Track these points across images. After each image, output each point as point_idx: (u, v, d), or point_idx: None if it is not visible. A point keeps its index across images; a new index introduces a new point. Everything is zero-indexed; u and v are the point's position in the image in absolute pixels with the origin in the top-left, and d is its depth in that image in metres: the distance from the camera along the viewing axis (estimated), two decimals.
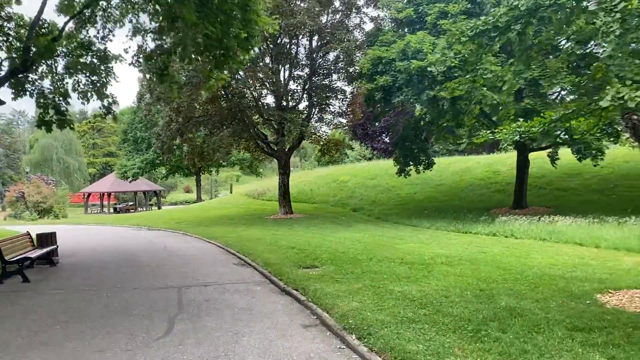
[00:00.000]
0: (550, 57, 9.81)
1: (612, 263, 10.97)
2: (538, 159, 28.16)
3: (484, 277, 9.62)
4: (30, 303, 8.89)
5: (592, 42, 15.08)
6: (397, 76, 20.51)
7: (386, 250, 13.71)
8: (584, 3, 6.98)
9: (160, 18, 13.26)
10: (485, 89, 7.66)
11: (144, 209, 63.00)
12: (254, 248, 14.79)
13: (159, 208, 62.29)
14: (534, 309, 7.07)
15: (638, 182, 27.40)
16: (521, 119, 8.47)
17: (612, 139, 18.43)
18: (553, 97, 23.99)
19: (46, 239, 13.34)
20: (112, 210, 62.57)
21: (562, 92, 24.19)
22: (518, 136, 7.90)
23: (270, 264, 11.95)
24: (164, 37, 14.35)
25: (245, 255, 14.01)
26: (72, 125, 15.57)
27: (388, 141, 52.24)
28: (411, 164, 25.67)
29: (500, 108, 9.32)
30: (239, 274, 11.65)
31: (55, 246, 13.32)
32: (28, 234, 13.05)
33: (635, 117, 6.88)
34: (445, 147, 46.43)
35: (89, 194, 64.95)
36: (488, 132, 8.58)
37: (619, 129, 16.02)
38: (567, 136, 15.72)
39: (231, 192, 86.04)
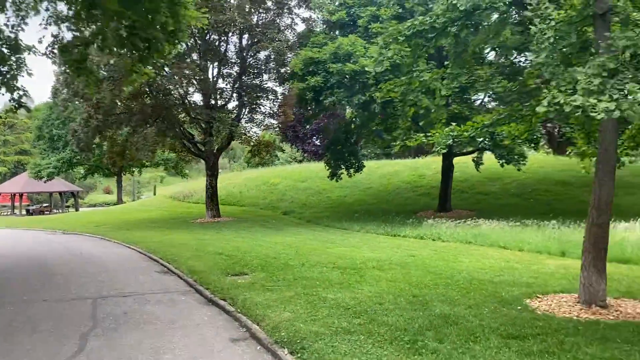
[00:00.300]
0: (482, 63, 9.95)
1: (536, 266, 11.27)
2: (460, 163, 29.04)
3: (416, 282, 9.54)
4: None
5: (515, 52, 15.60)
6: (328, 77, 20.37)
7: (318, 254, 13.42)
8: (513, 14, 7.02)
9: (79, 6, 12.24)
10: (420, 92, 7.56)
11: (60, 210, 59.37)
12: (179, 254, 14.01)
13: (77, 210, 58.92)
14: (467, 316, 6.99)
15: (553, 187, 29.00)
16: (454, 124, 8.45)
17: (532, 145, 19.35)
18: (477, 103, 24.84)
19: None
20: (24, 212, 58.46)
21: (485, 99, 25.13)
22: (451, 140, 7.84)
23: (196, 272, 11.29)
24: (82, 27, 13.28)
25: (168, 262, 13.22)
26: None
27: (319, 144, 52.34)
28: (342, 167, 25.65)
29: (432, 110, 9.27)
30: (162, 282, 10.92)
31: None
32: None
33: (549, 125, 6.99)
34: (373, 150, 47.16)
35: None
36: (422, 135, 8.47)
37: (539, 136, 16.78)
38: (490, 142, 16.20)
39: (155, 194, 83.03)
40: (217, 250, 14.64)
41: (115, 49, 12.72)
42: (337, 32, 23.02)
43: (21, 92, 15.64)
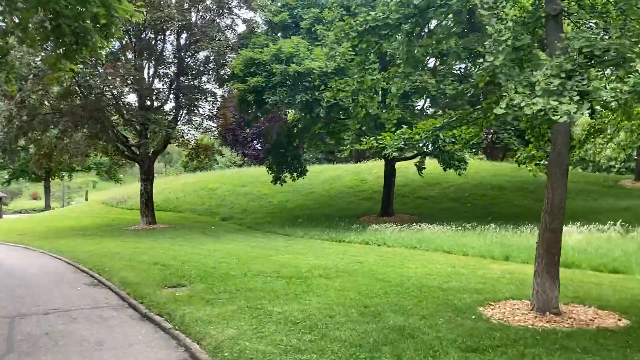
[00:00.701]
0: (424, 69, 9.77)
1: (482, 271, 11.23)
2: (402, 168, 29.30)
3: (365, 290, 9.19)
4: None
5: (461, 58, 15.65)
6: (270, 77, 19.84)
7: (261, 263, 12.84)
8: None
9: None
10: (371, 92, 7.25)
11: None
12: (110, 265, 13.01)
13: (0, 217, 55.05)
14: (423, 327, 6.67)
15: (489, 191, 29.81)
16: (405, 126, 8.18)
17: (473, 151, 19.69)
18: (418, 108, 25.11)
19: None
20: None
21: (426, 105, 25.44)
22: (402, 143, 7.55)
23: (129, 284, 10.45)
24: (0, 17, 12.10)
25: (99, 273, 12.23)
26: None
27: (259, 148, 51.56)
28: (285, 171, 25.15)
29: (384, 111, 8.97)
30: (91, 296, 10.00)
31: None
32: None
33: (485, 131, 6.88)
34: (315, 155, 46.99)
35: None
36: (372, 138, 8.14)
37: (482, 141, 16.99)
38: (434, 147, 16.20)
39: (87, 200, 79.15)
40: (152, 259, 13.75)
41: (38, 42, 11.63)
42: (279, 34, 22.54)
43: None
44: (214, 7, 25.27)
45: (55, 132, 25.51)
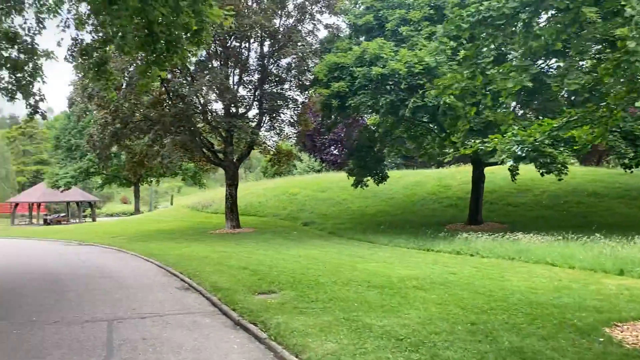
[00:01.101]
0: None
1: (594, 287, 10.13)
2: (487, 173, 27.91)
3: (468, 305, 8.49)
4: None
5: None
6: (353, 82, 19.47)
7: (348, 271, 12.42)
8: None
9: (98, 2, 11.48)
10: (482, 89, 6.62)
11: (77, 220, 59.06)
12: (200, 269, 13.11)
13: (93, 220, 58.55)
14: (545, 350, 5.93)
15: (586, 199, 27.67)
16: (516, 127, 7.43)
17: (575, 154, 18.22)
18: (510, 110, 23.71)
19: None
20: (41, 221, 58.26)
21: (516, 107, 23.99)
22: (517, 146, 6.83)
23: (219, 289, 10.36)
24: (99, 26, 12.56)
25: (189, 277, 12.31)
26: None
27: (337, 153, 51.50)
28: (368, 175, 24.65)
29: (498, 111, 8.21)
30: (183, 301, 10.00)
31: None
32: None
33: None
34: (393, 160, 46.10)
35: (17, 204, 60.20)
36: (477, 141, 7.45)
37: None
38: (531, 150, 15.04)
39: (172, 204, 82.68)
40: (240, 264, 13.73)
41: (134, 50, 11.94)
42: (362, 38, 22.11)
43: (37, 98, 15.02)
44: (296, 13, 25.34)
45: (146, 139, 26.62)
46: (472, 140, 7.55)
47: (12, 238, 30.03)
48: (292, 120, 27.71)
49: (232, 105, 24.68)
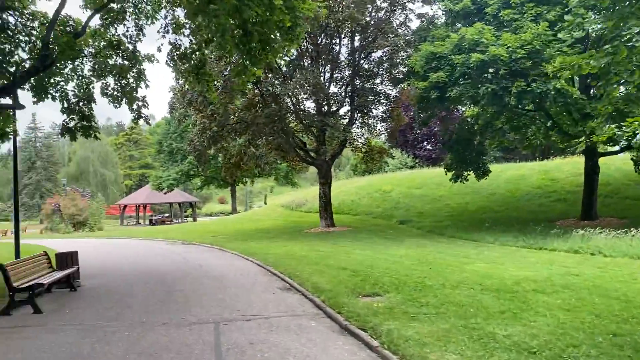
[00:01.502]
0: None
1: None
2: (600, 164, 25.53)
3: (603, 312, 7.46)
4: (32, 346, 7.17)
5: None
6: (452, 72, 18.43)
7: (456, 272, 11.61)
8: None
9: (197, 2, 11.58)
10: (631, 64, 5.65)
11: (180, 220, 62.19)
12: (300, 268, 12.88)
13: (194, 220, 61.36)
14: None
15: None
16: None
17: None
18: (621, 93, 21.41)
19: (66, 259, 11.76)
20: (147, 222, 61.99)
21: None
22: None
23: (321, 290, 10.01)
24: (196, 29, 12.74)
25: (290, 277, 12.11)
26: (97, 134, 14.16)
27: (430, 148, 49.98)
28: (469, 169, 23.37)
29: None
30: (286, 302, 9.74)
31: (75, 268, 11.71)
32: (45, 254, 11.47)
33: None
34: (492, 153, 43.87)
35: (125, 206, 64.58)
36: (614, 126, 6.42)
37: None
38: None
39: (265, 203, 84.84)
40: (339, 264, 13.35)
41: (230, 49, 11.94)
42: (459, 24, 20.93)
43: (140, 103, 15.59)
44: (387, 5, 24.63)
45: (241, 141, 27.15)
46: (607, 126, 6.52)
47: (121, 238, 31.95)
48: (384, 116, 27.01)
49: (324, 102, 24.48)
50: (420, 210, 28.58)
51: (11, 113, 14.60)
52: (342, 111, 26.67)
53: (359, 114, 26.41)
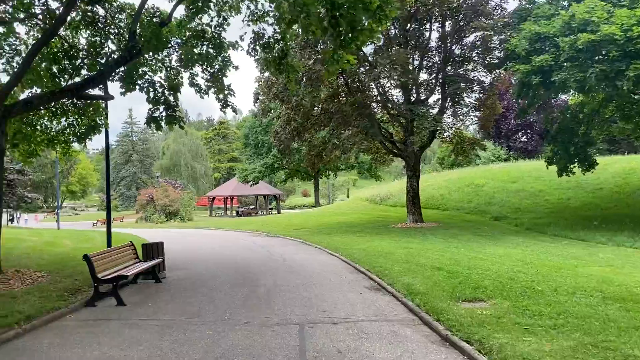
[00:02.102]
0: None
1: None
2: None
3: None
4: (111, 343, 6.84)
5: None
6: (557, 54, 16.58)
7: (568, 276, 10.19)
8: None
9: None
10: None
11: (264, 212, 63.17)
12: (388, 267, 11.98)
13: (279, 212, 62.04)
14: None
15: None
16: None
17: None
18: None
19: (152, 250, 11.65)
20: (234, 213, 63.53)
21: None
22: None
23: (415, 293, 9.06)
24: (280, 17, 12.18)
25: (378, 275, 11.24)
26: (181, 123, 14.01)
27: (525, 140, 46.88)
28: (575, 162, 21.21)
29: None
30: (376, 304, 8.89)
31: (160, 259, 11.57)
32: (131, 244, 11.41)
33: None
34: (596, 146, 40.31)
35: (214, 198, 66.62)
36: None
37: None
38: None
39: (348, 197, 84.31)
40: (431, 263, 12.29)
41: (315, 31, 11.25)
42: (565, 2, 18.90)
43: (226, 92, 15.35)
44: None
45: (324, 133, 26.58)
46: None
47: (209, 229, 32.61)
48: (477, 105, 25.27)
49: (413, 89, 23.24)
50: (517, 206, 26.56)
51: (102, 105, 14.87)
52: (431, 100, 25.31)
53: (450, 103, 24.87)
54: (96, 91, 13.13)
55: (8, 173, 30.76)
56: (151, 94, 13.72)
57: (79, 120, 15.15)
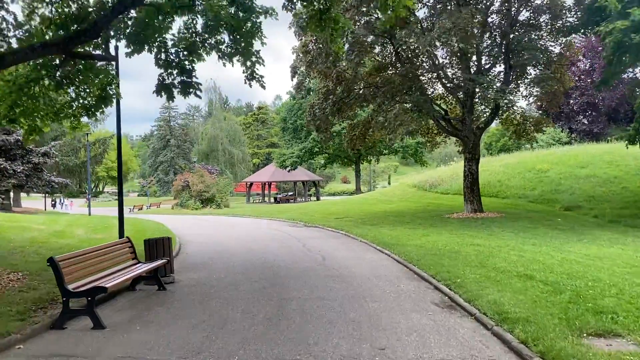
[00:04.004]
0: None
1: None
2: None
3: None
4: None
5: None
6: None
7: None
8: None
9: None
10: None
11: (303, 199, 60.89)
12: (458, 272, 9.18)
13: (318, 199, 59.64)
14: None
15: None
16: None
17: None
18: None
19: (156, 248, 9.20)
20: (272, 200, 61.49)
21: None
22: None
23: (512, 319, 6.28)
24: None
25: (448, 286, 8.45)
26: (198, 91, 11.49)
27: (586, 122, 42.57)
28: None
29: None
30: (457, 336, 6.12)
31: (165, 260, 9.05)
32: (128, 241, 8.95)
33: None
34: None
35: (251, 184, 64.78)
36: None
37: None
38: None
39: (389, 184, 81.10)
40: (513, 267, 9.44)
41: None
42: None
43: (254, 59, 12.78)
44: None
45: (369, 112, 23.70)
46: None
47: (243, 217, 30.36)
48: (543, 77, 21.75)
49: (473, 55, 19.99)
50: (590, 194, 23.04)
51: (111, 70, 12.53)
52: (493, 72, 21.97)
53: (514, 76, 21.51)
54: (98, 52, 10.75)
55: (33, 156, 29.29)
56: (162, 55, 11.21)
57: (88, 91, 12.93)
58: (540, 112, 31.78)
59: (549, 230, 15.75)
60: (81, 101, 13.40)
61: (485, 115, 21.86)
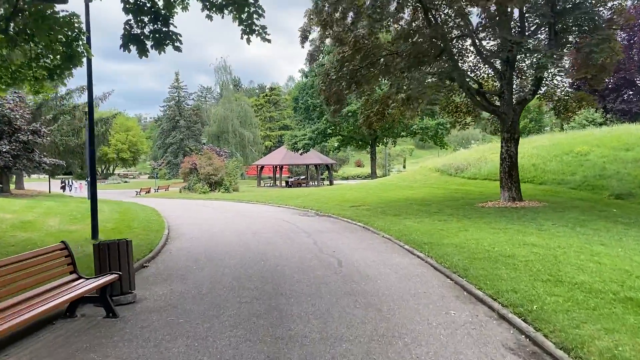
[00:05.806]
0: None
1: None
2: None
3: None
4: None
5: None
6: None
7: None
8: None
9: None
10: None
11: (316, 183, 58.42)
12: (530, 292, 6.60)
13: (331, 183, 57.09)
14: None
15: None
16: None
17: None
18: None
19: (108, 255, 6.69)
20: (284, 183, 59.12)
21: None
22: None
23: None
24: None
25: (525, 318, 5.84)
26: (177, 44, 8.92)
27: (622, 100, 39.24)
28: None
29: None
30: None
31: (115, 276, 6.46)
32: (64, 247, 6.43)
33: None
34: None
35: (262, 167, 62.42)
36: None
37: None
38: None
39: (404, 167, 78.14)
40: (602, 283, 6.85)
41: None
42: None
43: (251, 9, 10.23)
44: None
45: (387, 87, 20.90)
46: None
47: (250, 203, 27.90)
48: (597, 42, 18.74)
49: (512, 19, 17.13)
50: None
51: (79, 26, 9.99)
52: (534, 41, 19.00)
53: (559, 46, 18.55)
54: None
55: (21, 134, 26.88)
56: None
57: (51, 48, 10.48)
58: (591, 86, 28.66)
59: (609, 223, 12.99)
60: (43, 61, 11.02)
61: (526, 88, 18.96)
